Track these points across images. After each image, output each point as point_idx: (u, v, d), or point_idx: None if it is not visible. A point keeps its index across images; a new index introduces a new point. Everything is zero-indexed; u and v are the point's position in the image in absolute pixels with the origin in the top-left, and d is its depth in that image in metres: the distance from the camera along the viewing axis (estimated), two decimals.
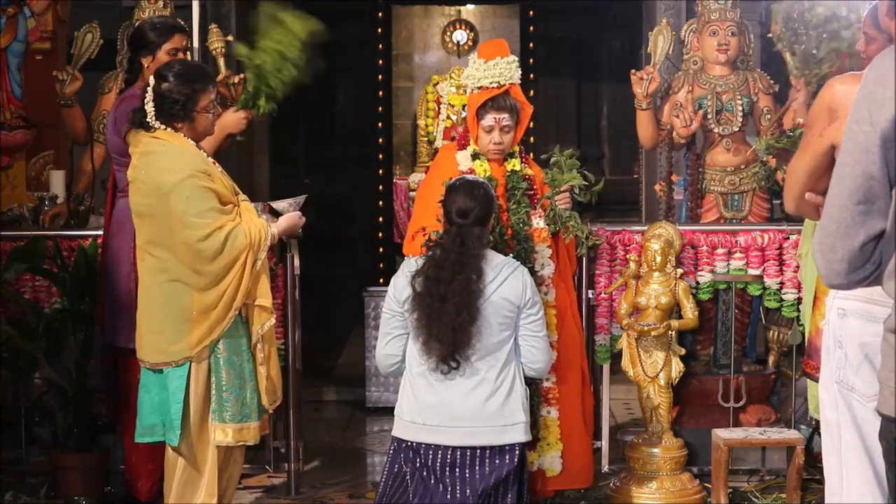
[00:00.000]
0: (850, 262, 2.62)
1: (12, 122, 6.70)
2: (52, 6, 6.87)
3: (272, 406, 4.91)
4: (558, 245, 5.32)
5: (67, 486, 5.70)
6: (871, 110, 2.55)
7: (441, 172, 5.14)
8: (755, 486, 5.89)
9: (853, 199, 2.58)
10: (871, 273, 2.63)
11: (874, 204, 2.57)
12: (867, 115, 2.56)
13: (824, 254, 2.65)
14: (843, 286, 2.73)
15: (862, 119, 2.57)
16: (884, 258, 2.60)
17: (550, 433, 5.23)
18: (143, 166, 4.75)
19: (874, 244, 2.60)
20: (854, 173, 2.58)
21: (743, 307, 6.29)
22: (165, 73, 4.78)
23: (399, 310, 4.40)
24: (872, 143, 2.55)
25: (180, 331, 4.69)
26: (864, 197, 2.57)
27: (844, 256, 2.62)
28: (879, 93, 2.55)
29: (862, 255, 2.60)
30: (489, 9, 10.43)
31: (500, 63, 5.18)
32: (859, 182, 2.57)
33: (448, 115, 8.86)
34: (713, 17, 6.39)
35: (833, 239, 2.62)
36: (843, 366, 3.41)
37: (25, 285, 5.99)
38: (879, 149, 2.54)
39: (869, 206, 2.57)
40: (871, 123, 2.55)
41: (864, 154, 2.56)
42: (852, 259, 2.61)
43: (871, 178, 2.56)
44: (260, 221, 4.82)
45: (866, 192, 2.57)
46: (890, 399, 2.60)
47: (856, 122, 2.59)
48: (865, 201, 2.57)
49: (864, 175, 2.56)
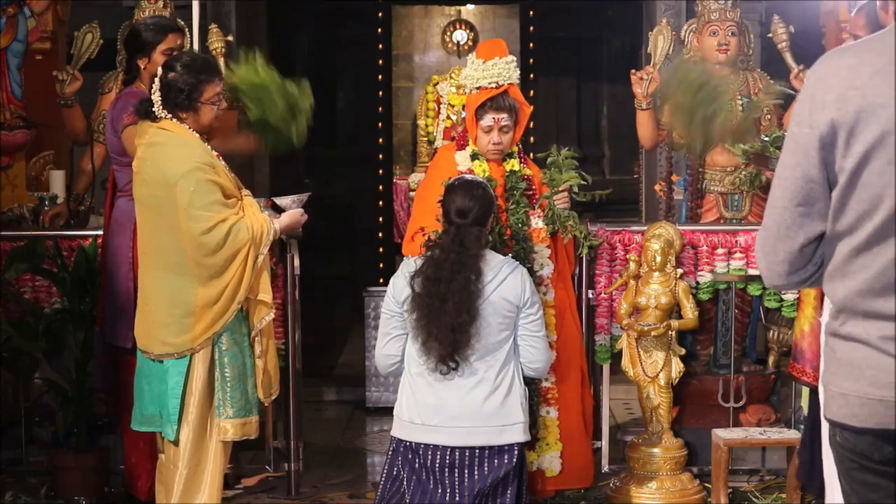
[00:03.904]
0: (790, 264, 2.62)
1: (12, 122, 6.70)
2: (52, 6, 6.86)
3: (268, 400, 4.93)
4: (557, 245, 5.32)
5: (67, 486, 5.70)
6: (811, 112, 2.55)
7: (440, 173, 5.14)
8: (755, 486, 5.90)
9: (793, 201, 2.58)
10: (812, 274, 2.63)
11: (814, 206, 2.57)
12: (807, 117, 2.55)
13: (766, 255, 2.65)
14: (784, 287, 2.74)
15: (802, 121, 2.57)
16: (825, 259, 2.60)
17: (550, 433, 5.23)
18: (148, 157, 4.77)
19: (814, 246, 2.60)
20: (794, 175, 2.57)
21: (743, 307, 6.29)
22: (173, 63, 4.84)
23: (398, 310, 4.40)
24: (811, 145, 2.54)
25: (183, 324, 4.70)
26: (804, 199, 2.57)
27: (785, 258, 2.62)
28: (820, 95, 2.54)
29: (802, 256, 2.61)
30: (489, 9, 10.43)
31: (498, 63, 5.18)
32: (799, 184, 2.57)
33: (448, 115, 8.85)
34: (713, 17, 6.39)
35: (774, 240, 2.62)
36: None
37: (25, 285, 5.98)
38: (818, 151, 2.54)
39: (808, 208, 2.57)
40: (810, 126, 2.54)
41: (804, 156, 2.56)
42: (792, 261, 2.61)
43: (810, 181, 2.56)
44: (263, 217, 4.84)
45: (806, 195, 2.57)
46: (831, 403, 2.60)
47: (796, 123, 2.59)
48: (805, 203, 2.57)
49: (803, 177, 2.56)
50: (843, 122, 2.51)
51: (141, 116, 4.85)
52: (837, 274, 2.57)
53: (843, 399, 2.56)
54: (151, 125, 4.79)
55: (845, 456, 2.59)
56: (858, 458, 2.55)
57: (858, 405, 2.53)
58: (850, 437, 2.55)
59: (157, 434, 4.85)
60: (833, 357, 2.61)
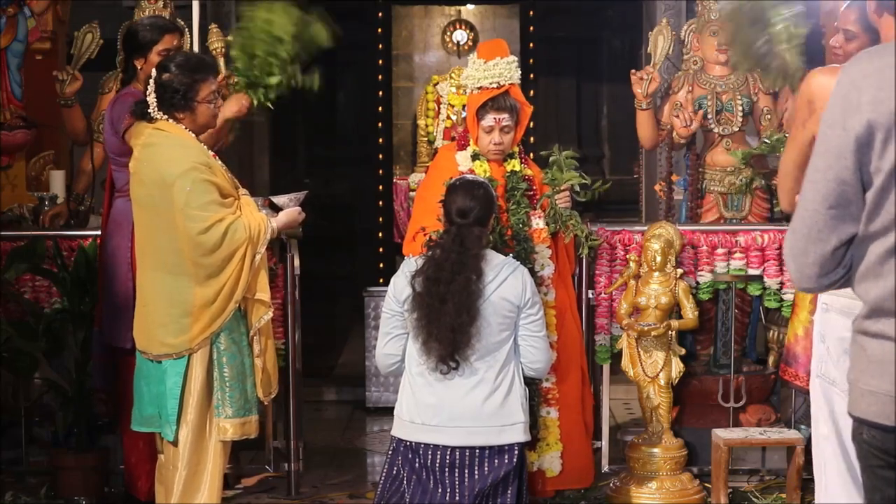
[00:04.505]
0: (821, 266, 2.61)
1: (12, 122, 6.70)
2: (52, 6, 6.86)
3: (267, 399, 4.93)
4: (558, 245, 5.32)
5: (67, 486, 5.70)
6: (844, 115, 2.53)
7: (441, 173, 5.14)
8: (755, 486, 5.90)
9: (825, 204, 2.57)
10: (842, 277, 2.62)
11: (846, 209, 2.56)
12: (840, 119, 2.54)
13: (795, 258, 2.64)
14: (814, 290, 2.73)
15: (835, 123, 2.55)
16: (854, 261, 2.59)
17: (550, 433, 5.23)
18: (145, 158, 4.76)
19: (845, 248, 2.59)
20: (826, 178, 2.56)
21: (743, 307, 6.29)
22: (167, 63, 4.82)
23: (399, 309, 4.40)
24: (846, 147, 2.53)
25: (181, 324, 4.70)
26: (837, 202, 2.56)
27: (816, 260, 2.60)
28: (854, 97, 2.53)
29: (833, 259, 2.59)
30: (489, 9, 10.42)
31: (499, 63, 5.19)
32: (831, 187, 2.56)
33: (448, 115, 8.85)
34: (713, 17, 6.39)
35: (805, 243, 2.61)
36: (824, 360, 3.43)
37: (25, 285, 5.98)
38: (853, 153, 2.53)
39: (841, 210, 2.56)
40: (843, 128, 2.53)
41: (837, 159, 2.55)
42: (824, 263, 2.60)
43: (843, 183, 2.54)
44: (260, 216, 4.83)
45: (838, 197, 2.55)
46: (859, 400, 2.60)
47: (828, 125, 2.57)
48: (838, 206, 2.56)
49: (836, 180, 2.55)
50: (880, 123, 2.49)
51: (137, 117, 4.84)
52: (870, 274, 2.56)
53: (872, 397, 2.55)
54: (147, 126, 4.77)
55: (871, 453, 2.58)
56: (884, 456, 2.55)
57: (887, 403, 2.52)
58: (878, 434, 2.55)
59: (157, 434, 4.84)
60: (862, 355, 2.59)
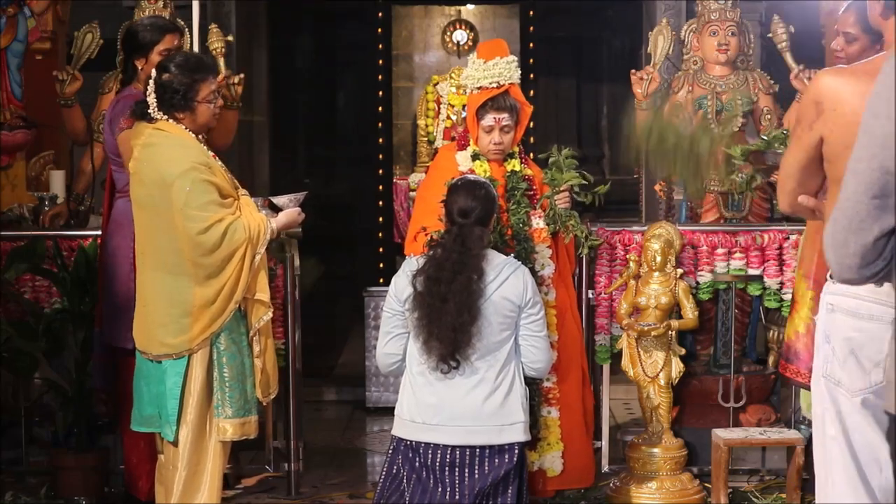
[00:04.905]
0: (862, 257, 2.58)
1: (12, 122, 6.69)
2: (52, 6, 6.86)
3: (266, 399, 4.93)
4: (558, 245, 5.32)
5: (67, 486, 5.70)
6: (889, 104, 2.52)
7: (441, 173, 5.14)
8: (755, 486, 5.89)
9: (868, 194, 2.54)
10: (883, 269, 2.60)
11: (889, 199, 2.53)
12: (885, 109, 2.52)
13: (836, 249, 2.61)
14: (855, 281, 2.69)
15: (879, 113, 2.53)
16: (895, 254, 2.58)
17: (551, 433, 5.23)
18: (144, 158, 4.77)
19: (887, 239, 2.56)
20: (870, 167, 2.54)
21: (743, 307, 6.28)
22: (167, 64, 4.83)
23: (400, 309, 4.40)
24: (889, 137, 2.51)
25: (181, 325, 4.70)
26: (880, 191, 2.53)
27: (857, 251, 2.58)
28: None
29: (875, 250, 2.57)
30: (489, 9, 10.42)
31: (499, 63, 5.18)
32: (875, 176, 2.53)
33: (448, 115, 8.85)
34: (713, 17, 6.39)
35: (846, 233, 2.58)
36: (830, 360, 3.42)
37: (25, 285, 5.98)
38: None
39: (884, 200, 2.54)
40: (888, 118, 2.51)
41: (881, 148, 2.52)
42: (865, 254, 2.58)
43: (887, 173, 2.52)
44: (259, 216, 4.83)
45: (882, 187, 2.53)
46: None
47: (873, 116, 2.55)
48: (881, 196, 2.54)
49: (880, 169, 2.53)
50: None
51: (137, 118, 4.84)
52: None
53: None
54: (147, 126, 4.78)
55: None
56: None
57: None
58: None
59: (157, 434, 4.85)
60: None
